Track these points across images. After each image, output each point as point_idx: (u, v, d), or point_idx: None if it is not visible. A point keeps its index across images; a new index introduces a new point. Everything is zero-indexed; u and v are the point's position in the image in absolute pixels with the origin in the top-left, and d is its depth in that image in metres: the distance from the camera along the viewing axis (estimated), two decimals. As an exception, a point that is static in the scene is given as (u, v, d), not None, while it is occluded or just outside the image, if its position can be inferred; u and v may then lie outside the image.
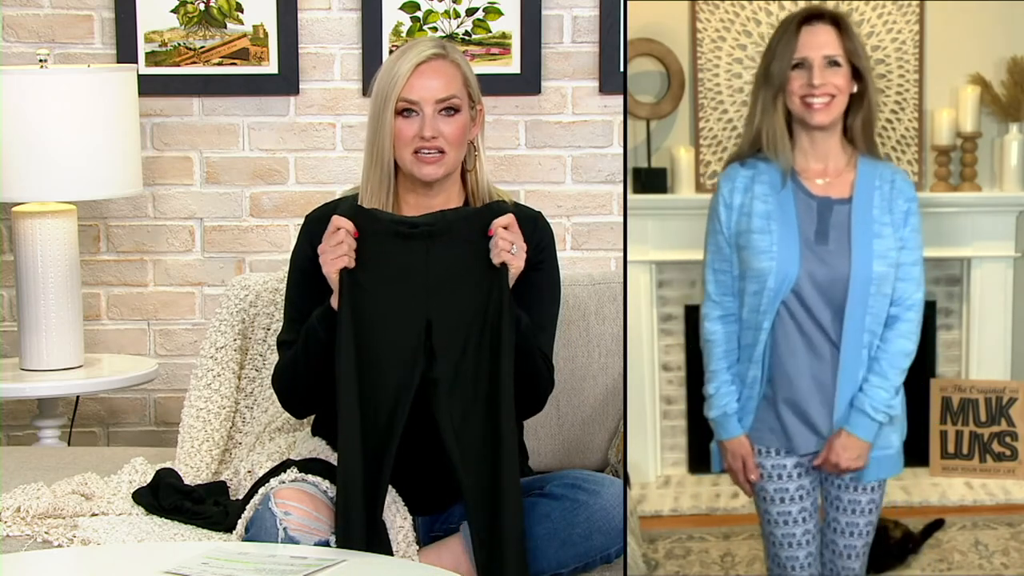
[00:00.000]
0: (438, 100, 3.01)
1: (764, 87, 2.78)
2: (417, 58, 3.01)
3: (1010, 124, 4.05)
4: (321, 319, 2.96)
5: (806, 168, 2.79)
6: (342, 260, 2.90)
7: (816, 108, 2.74)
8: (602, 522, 2.97)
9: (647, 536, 3.58)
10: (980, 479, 3.98)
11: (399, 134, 3.01)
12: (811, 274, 2.75)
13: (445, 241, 2.93)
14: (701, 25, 4.02)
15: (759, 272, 2.75)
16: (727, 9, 4.00)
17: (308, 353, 2.98)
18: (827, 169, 2.79)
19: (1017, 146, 4.03)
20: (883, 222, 2.76)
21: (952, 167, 4.08)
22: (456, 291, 2.92)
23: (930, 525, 3.67)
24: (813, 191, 2.78)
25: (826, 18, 2.78)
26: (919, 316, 2.81)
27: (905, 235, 2.78)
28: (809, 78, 2.73)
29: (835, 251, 2.75)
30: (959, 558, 3.59)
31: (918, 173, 4.04)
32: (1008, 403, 3.97)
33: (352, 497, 2.85)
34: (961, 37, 4.02)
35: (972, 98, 4.03)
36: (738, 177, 2.80)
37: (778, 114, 2.76)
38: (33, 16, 4.40)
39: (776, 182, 2.76)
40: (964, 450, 4.01)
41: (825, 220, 2.76)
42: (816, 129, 2.77)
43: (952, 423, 4.00)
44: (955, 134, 4.05)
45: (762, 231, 2.75)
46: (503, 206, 2.99)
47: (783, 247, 2.74)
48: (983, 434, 3.99)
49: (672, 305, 4.08)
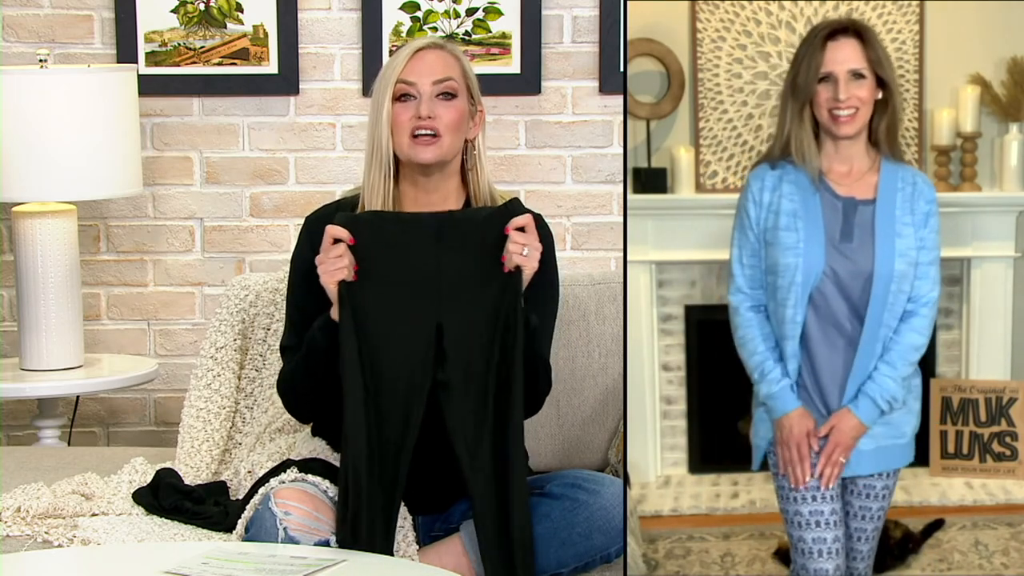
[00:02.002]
0: (435, 81, 3.01)
1: (791, 98, 2.87)
2: (416, 46, 3.04)
3: (1010, 124, 4.05)
4: (322, 329, 2.95)
5: (831, 170, 2.88)
6: (340, 273, 2.89)
7: (842, 121, 2.84)
8: (602, 522, 2.97)
9: (647, 536, 3.58)
10: (980, 479, 3.98)
11: (396, 119, 3.01)
12: (835, 270, 2.84)
13: (457, 242, 2.92)
14: (701, 25, 4.02)
15: (786, 267, 2.84)
16: (727, 9, 4.00)
17: (310, 363, 2.98)
18: (852, 171, 2.88)
19: (1017, 146, 4.03)
20: (904, 222, 2.85)
21: (952, 167, 4.08)
22: (469, 293, 2.91)
23: (930, 525, 3.67)
24: (839, 192, 2.86)
25: (850, 31, 2.87)
26: (933, 313, 2.90)
27: (925, 235, 2.88)
28: (835, 92, 2.83)
29: (859, 248, 2.84)
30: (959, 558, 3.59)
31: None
32: (1008, 403, 3.97)
33: (362, 503, 2.85)
34: (961, 37, 4.02)
35: (972, 98, 4.03)
36: (767, 176, 2.89)
37: (805, 124, 2.87)
38: (33, 16, 4.40)
39: (803, 182, 2.86)
40: (964, 450, 4.01)
41: (850, 219, 2.86)
42: (841, 138, 2.86)
43: (952, 423, 4.00)
44: (955, 134, 4.05)
45: (788, 228, 2.84)
46: (518, 206, 2.97)
47: (809, 244, 2.84)
48: (983, 434, 3.99)
49: (672, 305, 4.08)
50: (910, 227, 2.86)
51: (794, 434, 2.85)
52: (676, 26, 4.05)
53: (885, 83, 2.87)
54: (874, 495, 2.94)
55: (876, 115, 2.89)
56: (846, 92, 2.83)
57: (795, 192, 2.86)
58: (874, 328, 2.84)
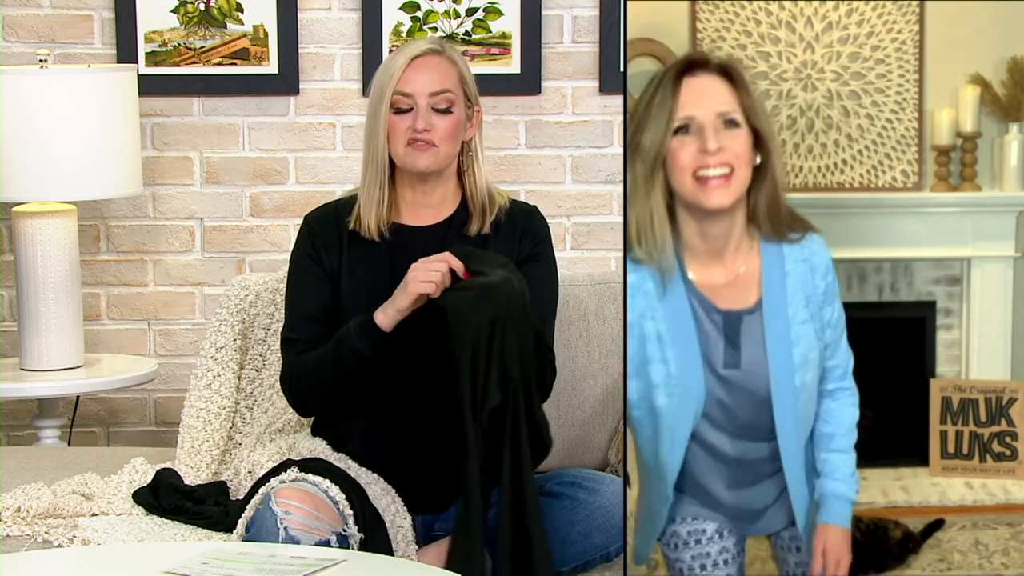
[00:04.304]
0: (432, 93, 3.01)
1: (636, 163, 2.15)
2: (413, 52, 3.03)
3: (1010, 124, 4.05)
4: (361, 331, 2.96)
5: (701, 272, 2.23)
6: (429, 286, 2.87)
7: (713, 185, 2.14)
8: (602, 520, 2.97)
9: (647, 536, 3.57)
10: (980, 479, 3.97)
11: (393, 128, 3.02)
12: (720, 401, 2.27)
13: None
14: (701, 25, 4.02)
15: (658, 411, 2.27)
16: (727, 9, 4.01)
17: (342, 363, 2.99)
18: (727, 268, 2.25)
19: (1017, 146, 4.03)
20: (802, 319, 2.28)
21: (952, 167, 4.08)
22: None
23: (930, 525, 3.67)
24: (717, 304, 2.24)
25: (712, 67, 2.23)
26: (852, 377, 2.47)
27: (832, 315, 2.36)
28: (702, 143, 2.14)
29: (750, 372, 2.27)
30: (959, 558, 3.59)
31: (918, 173, 4.04)
32: (1008, 403, 3.96)
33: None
34: (961, 37, 4.02)
35: (972, 98, 4.03)
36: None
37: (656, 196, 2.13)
38: (33, 16, 4.40)
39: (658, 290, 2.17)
40: (964, 450, 4.01)
41: (734, 337, 2.25)
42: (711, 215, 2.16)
43: (952, 423, 4.00)
44: (955, 134, 4.05)
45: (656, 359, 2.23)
46: (519, 213, 3.06)
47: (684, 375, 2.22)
48: (983, 434, 3.99)
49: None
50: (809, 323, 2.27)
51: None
52: (676, 26, 4.05)
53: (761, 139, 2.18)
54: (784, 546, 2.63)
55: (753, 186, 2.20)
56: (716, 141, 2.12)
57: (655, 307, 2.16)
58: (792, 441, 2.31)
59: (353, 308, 3.05)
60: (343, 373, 2.99)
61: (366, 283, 3.08)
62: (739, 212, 2.18)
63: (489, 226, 3.09)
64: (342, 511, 2.91)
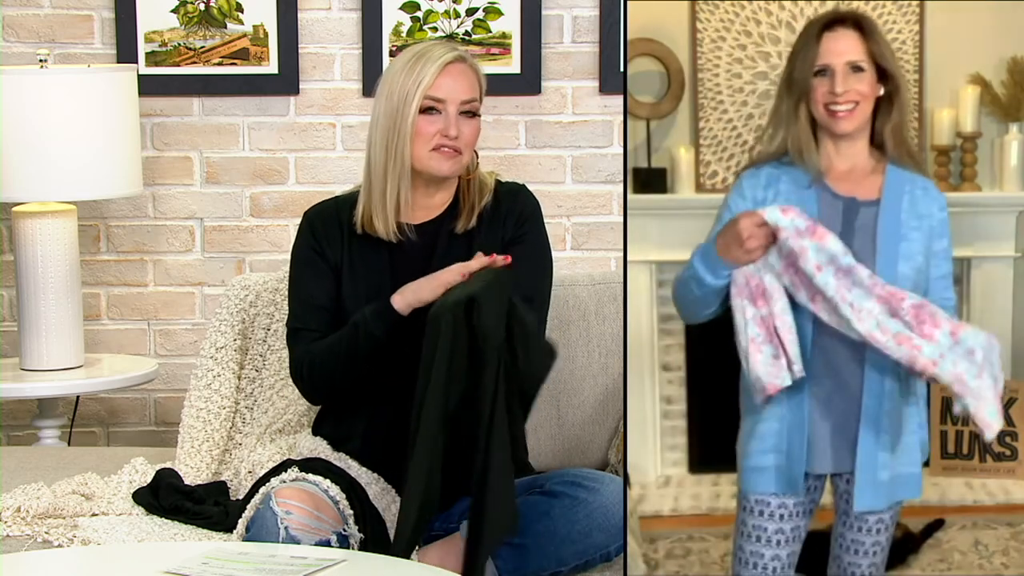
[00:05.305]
0: (463, 101, 3.05)
1: (787, 94, 2.72)
2: (445, 58, 3.05)
3: (1010, 124, 4.05)
4: (376, 315, 2.99)
5: (831, 168, 2.73)
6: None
7: (840, 116, 2.68)
8: (602, 519, 2.97)
9: (647, 536, 3.58)
10: (980, 479, 3.98)
11: (420, 131, 3.03)
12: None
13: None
14: (701, 25, 4.02)
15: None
16: (727, 9, 4.01)
17: (356, 347, 3.02)
18: (854, 170, 2.73)
19: (1017, 146, 4.03)
20: (911, 226, 2.71)
21: (952, 167, 4.08)
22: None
23: (930, 525, 3.67)
24: (838, 191, 2.72)
25: (848, 22, 2.71)
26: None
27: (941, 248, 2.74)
28: (831, 85, 2.68)
29: (859, 255, 2.65)
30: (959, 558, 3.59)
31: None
32: (1008, 403, 3.97)
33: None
34: (961, 37, 4.02)
35: (972, 98, 4.03)
36: (761, 174, 2.74)
37: (802, 121, 2.71)
38: (33, 16, 4.40)
39: (800, 180, 2.70)
40: (964, 450, 4.01)
41: (850, 222, 2.70)
42: (841, 137, 2.71)
43: (952, 423, 4.00)
44: (955, 134, 4.05)
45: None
46: (507, 195, 3.10)
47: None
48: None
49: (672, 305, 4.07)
50: (916, 231, 2.70)
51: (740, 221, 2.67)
52: (676, 26, 4.06)
53: (889, 77, 2.72)
54: (866, 528, 2.80)
55: (880, 114, 2.73)
56: (843, 85, 2.67)
57: (791, 191, 2.70)
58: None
59: (353, 303, 3.07)
60: (356, 359, 3.01)
61: (366, 279, 3.09)
62: (865, 134, 2.72)
63: (475, 218, 3.11)
64: (342, 511, 2.92)
